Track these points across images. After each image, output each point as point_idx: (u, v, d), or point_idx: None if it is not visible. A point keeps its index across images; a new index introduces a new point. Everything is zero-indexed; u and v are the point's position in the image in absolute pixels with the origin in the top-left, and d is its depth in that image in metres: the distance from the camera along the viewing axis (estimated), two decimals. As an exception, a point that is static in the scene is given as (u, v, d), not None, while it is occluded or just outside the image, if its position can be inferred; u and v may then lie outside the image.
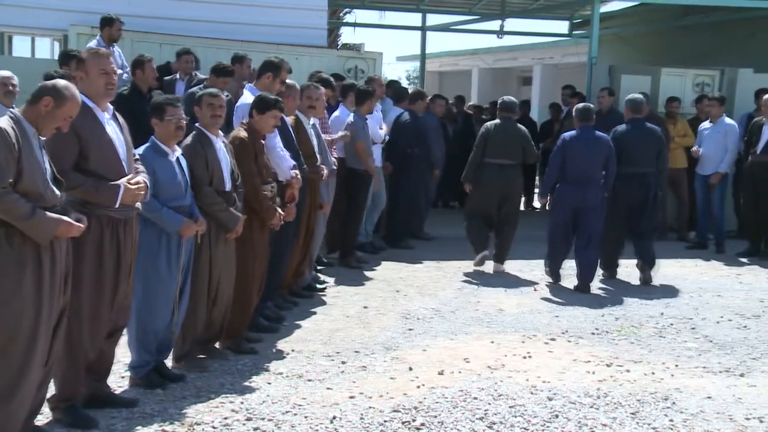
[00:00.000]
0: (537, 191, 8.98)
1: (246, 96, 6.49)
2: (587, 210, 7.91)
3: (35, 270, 3.76)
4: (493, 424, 4.48)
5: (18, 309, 3.72)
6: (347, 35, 29.81)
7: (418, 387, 5.03)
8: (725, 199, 10.41)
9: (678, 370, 5.54)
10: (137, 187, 4.26)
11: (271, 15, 10.56)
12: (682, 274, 8.82)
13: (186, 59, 8.95)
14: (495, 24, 18.24)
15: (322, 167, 7.04)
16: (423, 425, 4.43)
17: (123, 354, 4.90)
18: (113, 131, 4.30)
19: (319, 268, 8.27)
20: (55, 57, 11.01)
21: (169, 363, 5.16)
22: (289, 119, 6.61)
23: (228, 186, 5.24)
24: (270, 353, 5.66)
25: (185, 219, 4.79)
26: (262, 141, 5.78)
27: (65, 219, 3.80)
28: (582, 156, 7.88)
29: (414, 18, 18.64)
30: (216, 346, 5.56)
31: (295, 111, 6.80)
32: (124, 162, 4.30)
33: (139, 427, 4.30)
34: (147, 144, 4.80)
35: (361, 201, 8.66)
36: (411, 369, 5.38)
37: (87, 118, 4.14)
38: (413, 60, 27.04)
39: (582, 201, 7.91)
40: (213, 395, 4.79)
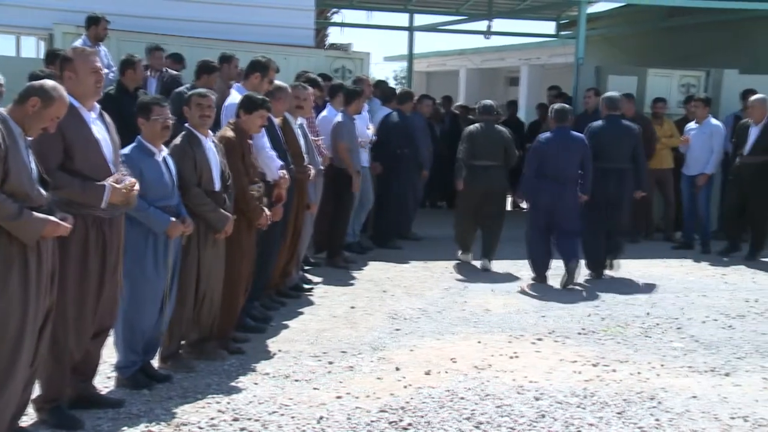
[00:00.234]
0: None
1: (233, 96, 6.48)
2: (564, 209, 8.03)
3: (22, 270, 3.74)
4: (480, 424, 4.49)
5: (4, 309, 3.69)
6: (335, 35, 29.73)
7: (405, 387, 5.04)
8: (711, 200, 10.47)
9: (664, 369, 5.56)
10: (123, 186, 4.23)
11: (259, 15, 10.54)
12: (668, 274, 8.86)
13: (156, 55, 8.93)
14: (482, 24, 18.28)
15: (309, 167, 7.04)
16: (410, 425, 4.44)
17: (109, 354, 4.88)
18: (99, 131, 4.28)
19: (307, 268, 8.27)
20: (41, 56, 10.96)
21: (156, 363, 5.15)
22: (277, 120, 6.60)
23: (217, 186, 5.24)
24: (257, 353, 5.65)
25: (172, 219, 4.78)
26: (249, 141, 5.77)
27: (52, 219, 3.79)
28: (558, 156, 7.98)
29: (401, 18, 18.66)
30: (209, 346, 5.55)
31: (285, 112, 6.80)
32: (110, 162, 4.28)
33: (125, 428, 4.28)
34: (133, 144, 4.79)
35: (349, 201, 8.66)
36: (398, 369, 5.38)
37: (72, 117, 4.11)
38: (401, 60, 27.07)
39: (559, 200, 8.01)
40: (199, 395, 4.78)
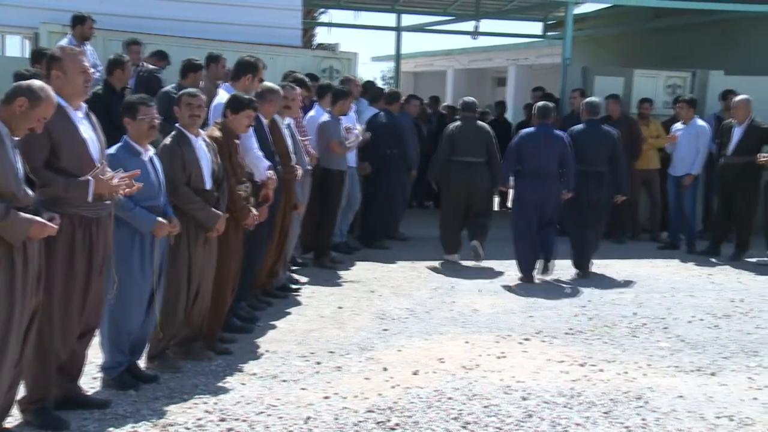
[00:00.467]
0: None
1: (222, 96, 6.47)
2: (547, 204, 8.20)
3: (7, 270, 3.72)
4: (468, 424, 4.49)
5: (-10, 309, 3.67)
6: (322, 35, 29.73)
7: (392, 387, 5.03)
8: (696, 200, 10.52)
9: (650, 369, 5.58)
10: (108, 177, 4.22)
11: (246, 15, 10.51)
12: (654, 274, 8.89)
13: (133, 50, 8.90)
14: (469, 25, 18.34)
15: (296, 167, 7.02)
16: (397, 425, 4.43)
17: (95, 355, 4.85)
18: (86, 130, 4.26)
19: (294, 268, 8.26)
20: (26, 55, 10.89)
21: (143, 363, 5.13)
22: (265, 120, 6.60)
23: (208, 185, 5.24)
24: (244, 354, 5.63)
25: (158, 219, 4.76)
26: (236, 141, 5.76)
27: (38, 219, 3.76)
28: (537, 152, 8.17)
29: (389, 18, 18.69)
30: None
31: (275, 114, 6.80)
32: (96, 161, 4.26)
33: (112, 429, 4.26)
34: (119, 144, 4.77)
35: (336, 201, 8.65)
36: (386, 369, 5.38)
37: (60, 117, 4.09)
38: (388, 60, 27.10)
39: (542, 196, 8.16)
40: (186, 396, 4.76)
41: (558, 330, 6.50)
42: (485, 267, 8.92)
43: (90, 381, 4.85)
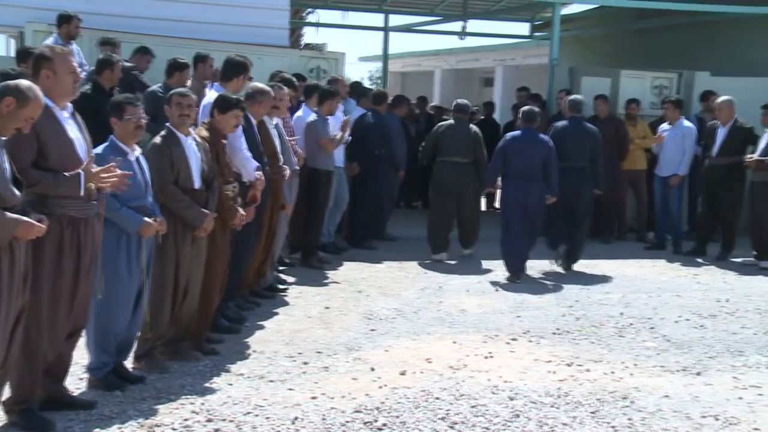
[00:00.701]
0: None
1: (212, 96, 6.45)
2: (532, 206, 8.32)
3: (-7, 270, 3.70)
4: (455, 424, 4.50)
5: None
6: (310, 35, 29.69)
7: (380, 387, 5.03)
8: (682, 200, 10.57)
9: (637, 369, 5.61)
10: (98, 170, 4.20)
11: (233, 14, 10.48)
12: (641, 274, 8.92)
13: (106, 50, 8.83)
14: (457, 25, 18.37)
15: (284, 167, 7.01)
16: (385, 425, 4.43)
17: (81, 356, 4.83)
18: (73, 130, 4.25)
19: (281, 268, 8.24)
20: (11, 54, 10.83)
21: (130, 363, 5.11)
22: (254, 120, 6.59)
23: (197, 184, 5.24)
24: (231, 354, 5.62)
25: (145, 219, 4.74)
26: (223, 141, 5.75)
27: (26, 219, 3.74)
28: (521, 155, 8.33)
29: (376, 18, 18.67)
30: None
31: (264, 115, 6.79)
32: (84, 161, 4.24)
33: (97, 430, 4.24)
34: (106, 143, 4.75)
35: (323, 201, 8.64)
36: (373, 369, 5.37)
37: (47, 117, 4.07)
38: (376, 60, 27.10)
39: (527, 198, 8.30)
40: (173, 396, 4.75)
41: (545, 330, 6.51)
42: (473, 267, 8.93)
43: (76, 382, 4.83)
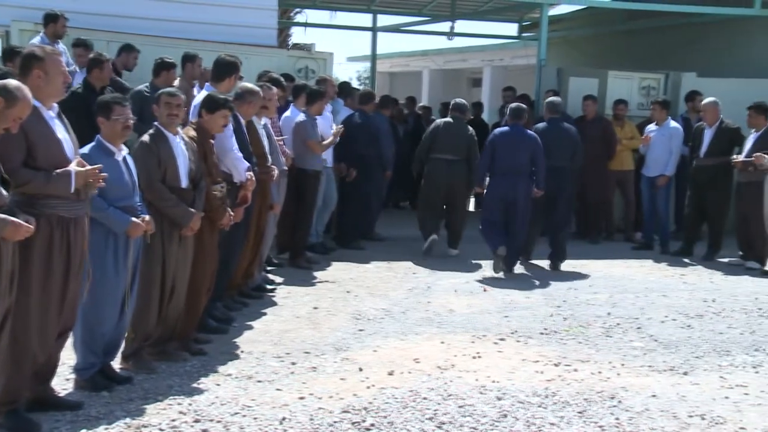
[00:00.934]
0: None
1: (203, 96, 6.43)
2: (516, 201, 8.54)
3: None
4: (443, 424, 4.50)
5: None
6: (298, 35, 29.66)
7: (368, 387, 5.03)
8: (669, 201, 10.61)
9: (624, 369, 5.62)
10: (88, 170, 4.19)
11: (221, 14, 10.44)
12: (628, 274, 8.96)
13: (78, 52, 8.79)
14: (445, 26, 18.36)
15: (272, 168, 7.00)
16: (373, 425, 4.43)
17: (68, 356, 4.81)
18: (60, 130, 4.24)
19: (269, 268, 8.23)
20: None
21: (117, 363, 5.09)
22: (243, 121, 6.57)
23: (184, 183, 5.23)
24: (219, 354, 5.61)
25: (132, 219, 4.73)
26: (211, 141, 5.74)
27: (13, 220, 3.72)
28: (510, 151, 8.57)
29: (365, 18, 18.64)
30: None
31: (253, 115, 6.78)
32: (72, 161, 4.23)
33: (84, 431, 4.22)
34: (93, 143, 4.73)
35: (311, 202, 8.63)
36: (361, 369, 5.37)
37: (35, 117, 4.06)
38: (364, 60, 27.02)
39: (511, 192, 8.53)
40: (161, 397, 4.73)
41: (533, 330, 6.53)
42: (461, 267, 8.94)
43: (62, 382, 4.81)
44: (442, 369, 5.45)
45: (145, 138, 5.17)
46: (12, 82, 3.84)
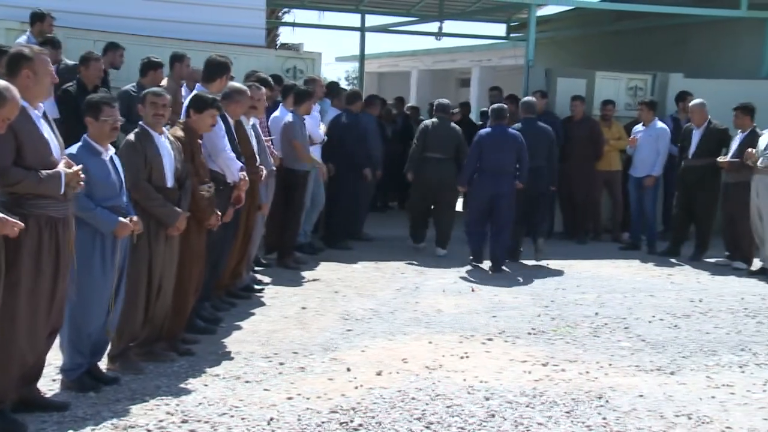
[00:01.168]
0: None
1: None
2: (500, 197, 8.79)
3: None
4: (431, 424, 4.50)
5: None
6: (286, 35, 29.60)
7: (356, 388, 5.03)
8: (657, 201, 10.65)
9: (612, 368, 5.64)
10: (75, 171, 4.19)
11: (209, 13, 10.40)
12: (616, 274, 8.98)
13: (48, 49, 8.74)
14: (433, 26, 18.37)
15: (261, 168, 6.99)
16: (361, 426, 4.43)
17: (54, 356, 4.78)
18: (46, 130, 4.22)
19: (257, 268, 8.22)
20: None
21: (104, 364, 5.07)
22: (231, 121, 6.56)
23: (170, 183, 5.22)
24: (207, 355, 5.59)
25: (119, 219, 4.71)
26: (199, 141, 5.72)
27: (1, 216, 3.70)
28: (495, 150, 8.80)
29: (353, 18, 18.63)
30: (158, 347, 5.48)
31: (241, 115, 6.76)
32: (59, 161, 4.22)
33: (71, 431, 4.22)
34: (80, 143, 4.71)
35: (300, 202, 8.62)
36: (349, 370, 5.37)
37: (22, 117, 4.03)
38: (352, 60, 27.03)
39: (496, 190, 8.78)
40: (148, 397, 4.72)
41: (521, 330, 6.54)
42: (449, 268, 8.95)
43: (49, 383, 4.78)
44: (430, 369, 5.45)
45: (131, 137, 5.16)
46: (0, 82, 3.82)
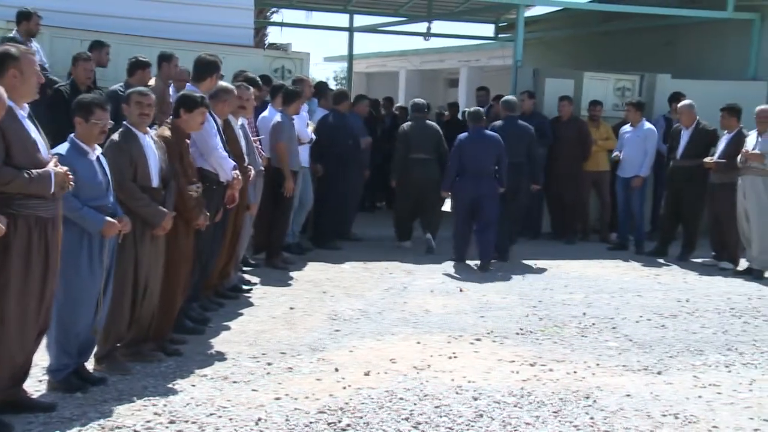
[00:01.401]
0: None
1: None
2: (483, 199, 8.96)
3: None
4: (419, 424, 4.51)
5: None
6: (274, 35, 29.55)
7: (344, 388, 5.03)
8: (645, 201, 10.69)
9: (599, 368, 5.66)
10: (62, 170, 4.18)
11: (197, 13, 10.37)
12: (603, 274, 9.01)
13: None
14: (422, 26, 18.38)
15: (249, 168, 6.98)
16: (349, 426, 4.43)
17: (41, 357, 4.76)
18: (33, 131, 4.20)
19: (245, 269, 8.20)
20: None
21: (91, 365, 5.05)
22: (219, 120, 6.54)
23: (155, 183, 5.20)
24: (195, 355, 5.58)
25: (106, 218, 4.69)
26: (187, 141, 5.71)
27: None
28: (475, 153, 8.97)
29: (341, 18, 18.65)
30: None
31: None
32: (47, 161, 4.21)
33: (58, 432, 4.20)
34: (67, 143, 4.69)
35: (288, 202, 8.60)
36: (337, 370, 5.37)
37: (9, 117, 4.02)
38: (341, 61, 27.03)
39: (478, 191, 8.95)
40: (135, 398, 4.70)
41: (509, 330, 6.55)
42: (437, 268, 8.96)
43: (35, 384, 4.76)
44: (418, 369, 5.45)
45: (116, 137, 5.14)
46: None
